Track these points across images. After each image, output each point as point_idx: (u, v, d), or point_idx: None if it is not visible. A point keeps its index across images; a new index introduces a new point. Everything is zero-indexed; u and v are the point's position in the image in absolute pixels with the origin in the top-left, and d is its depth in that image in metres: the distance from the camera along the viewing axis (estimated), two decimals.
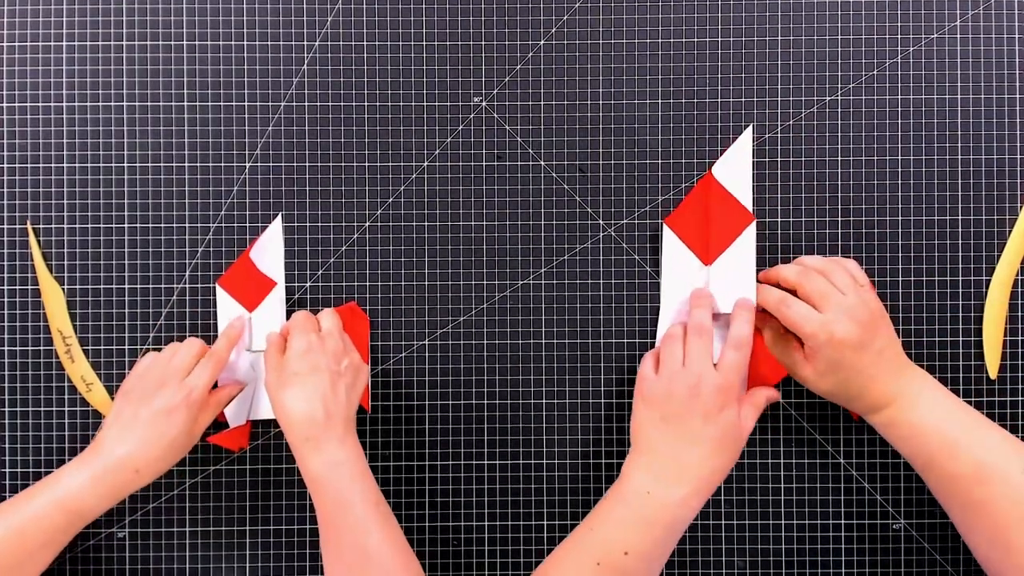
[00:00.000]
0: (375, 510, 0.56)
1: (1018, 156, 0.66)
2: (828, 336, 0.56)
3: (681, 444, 0.57)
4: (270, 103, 0.66)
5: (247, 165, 0.66)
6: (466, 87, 0.66)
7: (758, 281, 0.63)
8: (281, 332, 0.62)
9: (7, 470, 0.66)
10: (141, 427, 0.58)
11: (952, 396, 0.58)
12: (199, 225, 0.66)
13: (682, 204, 0.66)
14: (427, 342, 0.67)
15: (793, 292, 0.60)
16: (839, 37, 0.66)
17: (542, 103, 0.66)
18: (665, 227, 0.65)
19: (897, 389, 0.57)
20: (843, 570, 0.66)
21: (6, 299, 0.66)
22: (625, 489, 0.58)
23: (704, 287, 0.64)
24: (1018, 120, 0.66)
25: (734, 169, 0.65)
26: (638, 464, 0.58)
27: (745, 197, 0.64)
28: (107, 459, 0.57)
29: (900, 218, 0.66)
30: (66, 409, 0.66)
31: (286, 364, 0.58)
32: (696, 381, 0.57)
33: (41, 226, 0.66)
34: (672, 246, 0.65)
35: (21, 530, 0.55)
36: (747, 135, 0.65)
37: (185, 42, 0.66)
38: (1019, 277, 0.66)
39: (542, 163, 0.67)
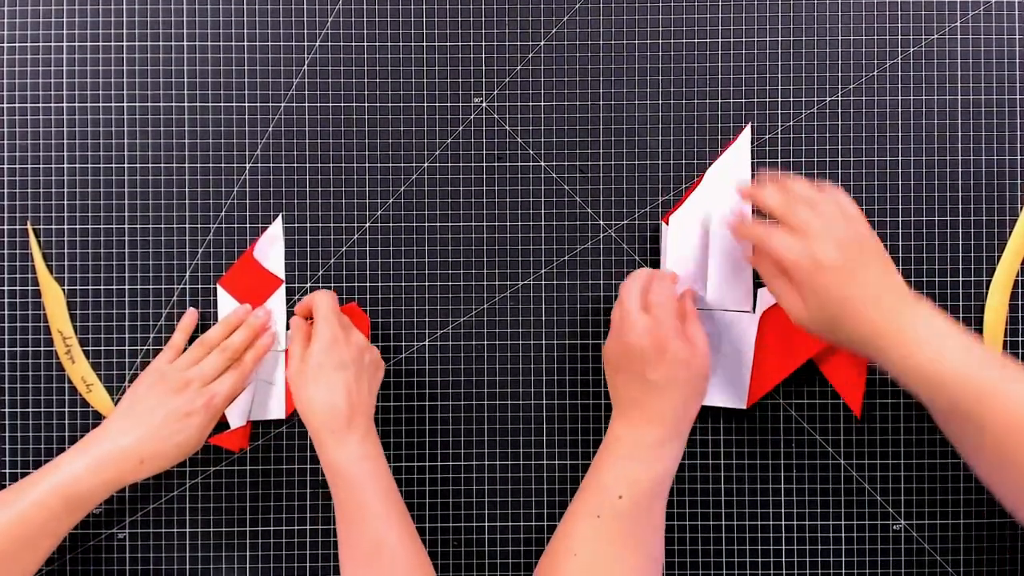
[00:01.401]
0: (394, 508, 0.57)
1: (1018, 156, 0.66)
2: (811, 262, 0.53)
3: (638, 391, 0.57)
4: (270, 103, 0.66)
5: (247, 165, 0.66)
6: (466, 87, 0.66)
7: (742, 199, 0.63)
8: (298, 310, 0.62)
9: (7, 471, 0.66)
10: (154, 423, 0.58)
11: (976, 340, 0.52)
12: (199, 225, 0.66)
13: (680, 201, 0.66)
14: (427, 342, 0.67)
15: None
16: (839, 37, 0.66)
17: (542, 103, 0.66)
18: (663, 225, 0.65)
19: (900, 327, 0.52)
20: (843, 570, 0.66)
21: (6, 299, 0.66)
22: (607, 439, 0.59)
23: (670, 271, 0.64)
24: (1018, 120, 0.66)
25: (733, 168, 0.65)
26: (615, 415, 0.59)
27: (741, 203, 0.64)
28: (110, 447, 0.57)
29: (900, 218, 0.66)
30: (66, 410, 0.66)
31: (311, 356, 0.58)
32: (630, 330, 0.57)
33: (41, 226, 0.66)
34: (671, 243, 0.65)
35: (21, 517, 0.55)
36: (746, 134, 0.65)
37: (185, 42, 0.66)
38: (1019, 277, 0.66)
39: (542, 163, 0.67)
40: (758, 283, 0.64)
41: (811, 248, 0.53)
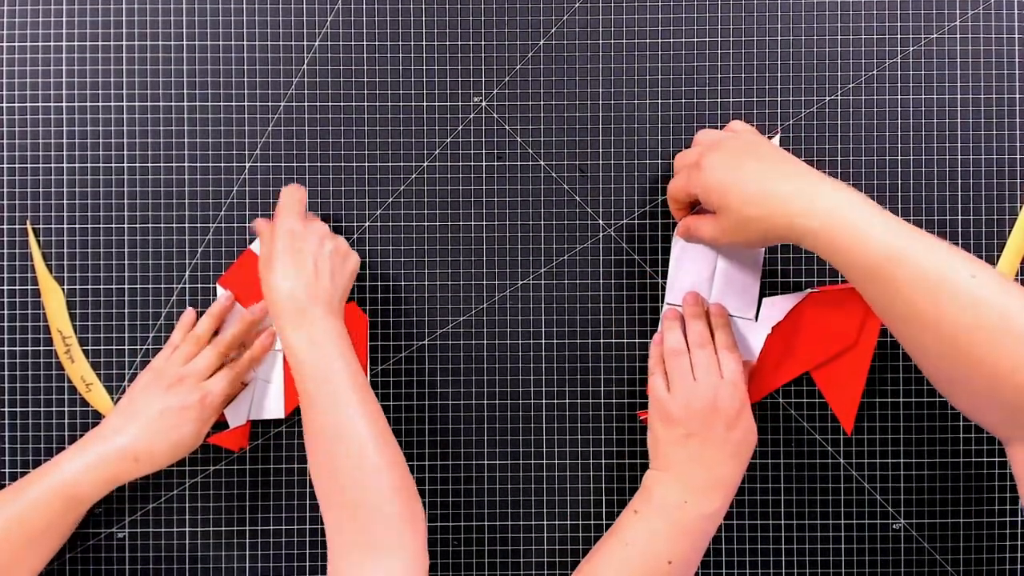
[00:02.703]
0: (354, 389, 0.55)
1: (1018, 156, 0.66)
2: (705, 179, 0.55)
3: (707, 457, 0.58)
4: (270, 103, 0.66)
5: (247, 165, 0.66)
6: (466, 87, 0.66)
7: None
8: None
9: (7, 471, 0.66)
10: (150, 420, 0.58)
11: (878, 208, 0.52)
12: (199, 225, 0.66)
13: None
14: (427, 342, 0.67)
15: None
16: (839, 37, 0.66)
17: (542, 103, 0.66)
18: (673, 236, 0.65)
19: (802, 191, 0.52)
20: (843, 570, 0.66)
21: (6, 299, 0.66)
22: (659, 503, 0.58)
23: (693, 290, 0.64)
24: (1018, 120, 0.66)
25: None
26: (665, 479, 0.59)
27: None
28: (108, 447, 0.58)
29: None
30: (66, 409, 0.66)
31: (273, 245, 0.58)
32: (712, 393, 0.58)
33: (41, 226, 0.66)
34: (677, 247, 0.65)
35: (20, 517, 0.56)
36: (774, 141, 0.65)
37: (185, 42, 0.66)
38: (1019, 277, 0.66)
39: (542, 163, 0.67)
40: (763, 293, 0.64)
41: (701, 166, 0.56)
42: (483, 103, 0.66)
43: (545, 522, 0.67)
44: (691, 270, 0.65)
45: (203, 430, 0.60)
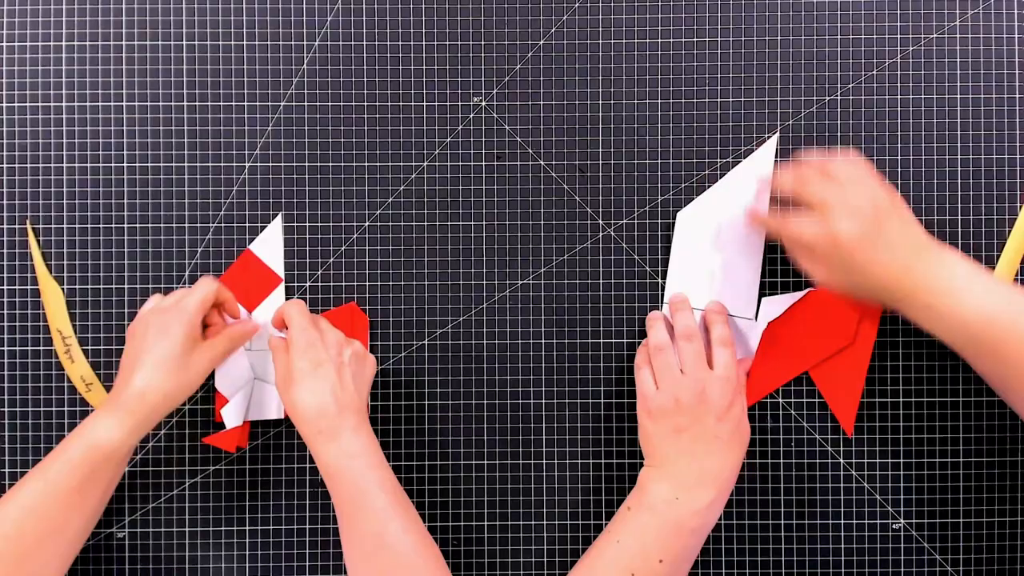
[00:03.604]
0: (393, 498, 0.56)
1: (1018, 156, 0.66)
2: (830, 239, 0.54)
3: (699, 450, 0.57)
4: (270, 103, 0.66)
5: (247, 165, 0.66)
6: (466, 87, 0.66)
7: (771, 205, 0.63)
8: (274, 322, 0.62)
9: (7, 471, 0.66)
10: (142, 353, 0.57)
11: (997, 280, 0.54)
12: (199, 225, 0.66)
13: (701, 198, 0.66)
14: (427, 342, 0.67)
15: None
16: (839, 37, 0.66)
17: (542, 103, 0.66)
18: (679, 216, 0.65)
19: (923, 274, 0.54)
20: (843, 570, 0.66)
21: (6, 299, 0.66)
22: (650, 499, 0.58)
23: (682, 293, 0.64)
24: (1018, 120, 0.66)
25: (751, 176, 0.65)
26: (657, 476, 0.58)
27: (759, 198, 0.64)
28: (116, 390, 0.57)
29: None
30: (66, 409, 0.66)
31: (290, 362, 0.58)
32: (701, 386, 0.58)
33: (41, 226, 0.66)
34: (683, 238, 0.65)
35: (46, 477, 0.55)
36: (771, 143, 0.65)
37: (185, 42, 0.66)
38: (1019, 277, 0.66)
39: (542, 163, 0.67)
40: (762, 292, 0.64)
41: (828, 225, 0.54)
42: (483, 103, 0.66)
43: (544, 522, 0.67)
44: (691, 270, 0.65)
45: (188, 343, 0.58)
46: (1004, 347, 0.51)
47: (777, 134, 0.66)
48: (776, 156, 0.65)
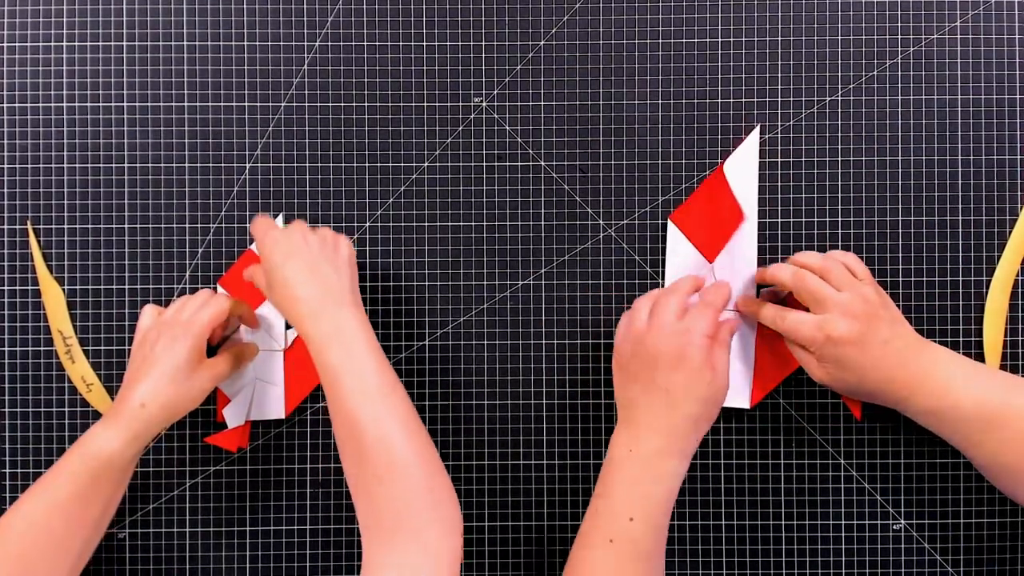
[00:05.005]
0: (378, 379, 0.55)
1: (1018, 156, 0.66)
2: (825, 337, 0.56)
3: (648, 397, 0.56)
4: (270, 103, 0.66)
5: (247, 165, 0.66)
6: (466, 87, 0.66)
7: (758, 285, 0.64)
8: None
9: (7, 470, 0.66)
10: (146, 365, 0.58)
11: (983, 368, 0.57)
12: (199, 225, 0.66)
13: (688, 200, 0.66)
14: (427, 342, 0.67)
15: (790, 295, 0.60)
16: (839, 37, 0.66)
17: (542, 103, 0.66)
18: (670, 223, 0.65)
19: (916, 375, 0.56)
20: (843, 570, 0.66)
21: (6, 299, 0.66)
22: (613, 454, 0.57)
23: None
24: (1018, 120, 0.66)
25: (741, 167, 0.65)
26: (619, 427, 0.58)
27: (746, 196, 0.64)
28: (118, 400, 0.57)
29: (900, 218, 0.66)
30: (66, 409, 0.66)
31: (266, 268, 0.58)
32: (662, 335, 0.56)
33: (41, 226, 0.66)
34: (676, 242, 0.65)
35: (46, 484, 0.55)
36: (754, 135, 0.65)
37: (185, 42, 0.66)
38: (1019, 277, 0.66)
39: (542, 163, 0.67)
40: (759, 286, 0.64)
41: (823, 324, 0.57)
42: (483, 103, 0.66)
43: (545, 522, 0.67)
44: (689, 271, 0.65)
45: (194, 360, 0.58)
46: (996, 430, 0.55)
47: (757, 127, 0.66)
48: (758, 145, 0.66)
